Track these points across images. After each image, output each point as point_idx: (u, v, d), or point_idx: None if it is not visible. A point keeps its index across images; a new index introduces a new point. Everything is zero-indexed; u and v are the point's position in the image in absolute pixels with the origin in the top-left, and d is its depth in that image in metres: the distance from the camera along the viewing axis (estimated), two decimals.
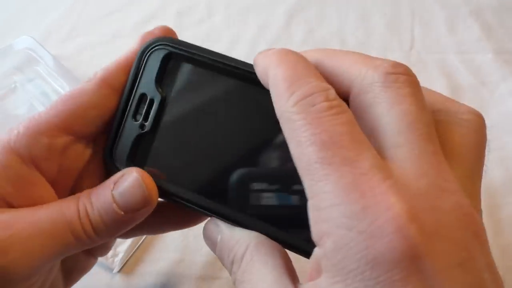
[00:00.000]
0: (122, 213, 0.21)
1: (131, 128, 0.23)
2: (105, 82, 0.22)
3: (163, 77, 0.23)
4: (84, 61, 0.52)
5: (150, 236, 0.37)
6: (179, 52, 0.22)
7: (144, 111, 0.23)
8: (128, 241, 0.36)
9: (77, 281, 0.26)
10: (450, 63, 0.51)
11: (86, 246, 0.22)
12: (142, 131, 0.23)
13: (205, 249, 0.36)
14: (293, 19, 0.58)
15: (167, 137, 0.23)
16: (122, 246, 0.36)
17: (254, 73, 0.20)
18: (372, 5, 0.59)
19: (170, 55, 0.22)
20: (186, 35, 0.56)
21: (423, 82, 0.18)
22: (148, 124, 0.23)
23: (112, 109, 0.23)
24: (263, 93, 0.19)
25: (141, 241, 0.37)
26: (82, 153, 0.23)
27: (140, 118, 0.23)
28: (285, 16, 0.58)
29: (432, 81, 0.49)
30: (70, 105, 0.21)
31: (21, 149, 0.21)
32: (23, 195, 0.21)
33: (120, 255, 0.35)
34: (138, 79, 0.23)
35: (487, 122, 0.19)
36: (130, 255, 0.36)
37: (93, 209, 0.21)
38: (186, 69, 0.23)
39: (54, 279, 0.24)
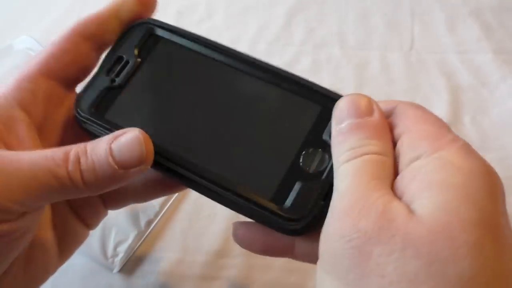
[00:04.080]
0: (116, 167, 0.21)
1: (102, 81, 0.25)
2: (76, 31, 0.25)
3: (142, 47, 0.25)
4: None
5: (150, 236, 0.37)
6: (160, 29, 0.26)
7: (118, 69, 0.25)
8: (128, 241, 0.36)
9: (72, 252, 0.27)
10: (450, 63, 0.51)
11: (71, 195, 0.22)
12: (111, 85, 0.25)
13: (205, 249, 0.37)
14: (293, 19, 0.58)
15: (133, 95, 0.25)
16: (122, 246, 0.36)
17: (221, 51, 0.27)
18: (372, 5, 0.59)
19: (152, 30, 0.26)
20: None
21: (423, 82, 0.18)
22: (118, 80, 0.25)
23: (83, 55, 0.25)
24: (225, 69, 0.25)
25: (141, 241, 0.37)
26: (63, 99, 0.24)
27: (112, 75, 0.25)
28: (285, 16, 0.58)
29: (432, 81, 0.49)
30: (49, 52, 0.24)
31: (9, 94, 0.22)
32: (12, 134, 0.22)
33: (120, 255, 0.35)
34: (120, 44, 0.26)
35: (487, 122, 0.19)
36: (130, 255, 0.36)
37: (87, 158, 0.21)
38: (163, 44, 0.26)
39: (46, 242, 0.24)
